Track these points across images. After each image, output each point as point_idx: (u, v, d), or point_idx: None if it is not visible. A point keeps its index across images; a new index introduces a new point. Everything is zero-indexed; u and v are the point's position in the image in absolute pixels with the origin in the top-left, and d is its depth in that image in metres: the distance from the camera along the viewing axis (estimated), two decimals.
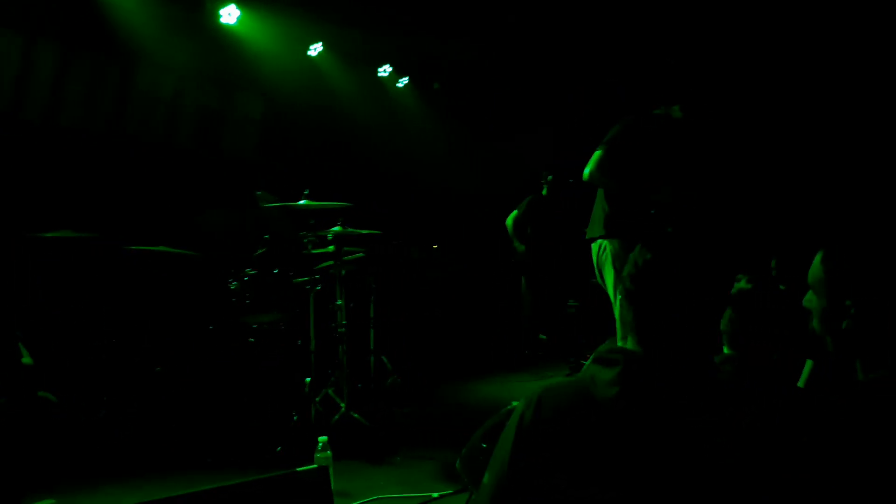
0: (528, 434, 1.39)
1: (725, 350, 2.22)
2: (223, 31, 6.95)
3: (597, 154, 3.97)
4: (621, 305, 1.46)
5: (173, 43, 6.62)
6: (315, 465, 1.84)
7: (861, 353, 1.47)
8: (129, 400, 4.61)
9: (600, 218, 4.10)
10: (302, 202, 4.54)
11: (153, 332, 5.00)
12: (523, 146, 9.15)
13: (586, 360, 4.97)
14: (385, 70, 8.87)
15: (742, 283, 5.77)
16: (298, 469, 1.78)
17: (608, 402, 1.34)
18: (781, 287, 5.91)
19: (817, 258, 1.53)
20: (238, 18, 6.93)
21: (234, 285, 4.86)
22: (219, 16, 6.88)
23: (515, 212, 7.69)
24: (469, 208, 8.82)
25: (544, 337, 7.75)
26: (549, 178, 7.48)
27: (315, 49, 7.87)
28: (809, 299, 1.54)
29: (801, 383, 2.44)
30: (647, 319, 1.42)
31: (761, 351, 2.11)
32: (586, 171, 4.01)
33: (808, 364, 2.39)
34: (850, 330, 1.45)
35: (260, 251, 5.02)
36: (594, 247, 4.18)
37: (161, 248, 4.80)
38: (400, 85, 9.13)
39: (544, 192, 7.56)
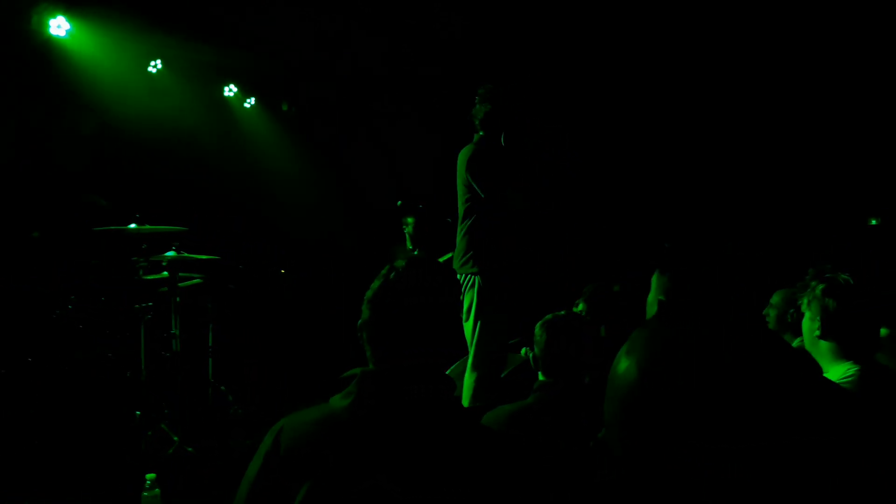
0: (269, 459, 1.46)
1: (540, 377, 2.30)
2: (52, 43, 6.53)
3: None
4: (359, 337, 1.57)
5: None
6: None
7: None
8: None
9: (465, 254, 4.05)
10: (132, 226, 4.32)
11: None
12: (375, 170, 9.16)
13: None
14: (231, 90, 8.64)
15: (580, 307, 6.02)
16: None
17: (342, 412, 1.45)
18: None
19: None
20: (68, 31, 6.54)
21: (56, 314, 4.54)
22: (47, 27, 6.46)
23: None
24: (318, 232, 8.70)
25: None
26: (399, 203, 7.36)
27: (154, 66, 7.54)
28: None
29: None
30: (382, 341, 1.52)
31: (576, 376, 2.20)
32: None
33: None
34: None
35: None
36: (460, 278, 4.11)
37: None
38: (247, 105, 8.92)
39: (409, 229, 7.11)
